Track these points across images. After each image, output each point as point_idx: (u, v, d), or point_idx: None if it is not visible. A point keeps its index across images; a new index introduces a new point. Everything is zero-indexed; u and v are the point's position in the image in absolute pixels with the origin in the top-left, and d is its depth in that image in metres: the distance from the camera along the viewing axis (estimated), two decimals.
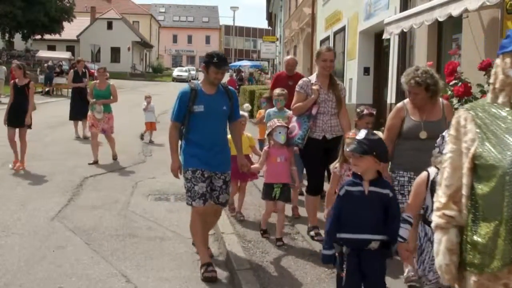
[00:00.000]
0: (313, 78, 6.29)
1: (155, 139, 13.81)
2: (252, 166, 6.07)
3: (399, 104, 5.15)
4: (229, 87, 5.67)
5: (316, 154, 6.01)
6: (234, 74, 38.81)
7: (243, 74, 38.90)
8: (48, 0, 44.00)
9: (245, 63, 50.33)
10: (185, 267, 5.51)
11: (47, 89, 30.19)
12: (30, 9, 42.57)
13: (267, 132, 6.35)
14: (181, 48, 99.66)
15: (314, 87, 6.04)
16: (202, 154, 5.29)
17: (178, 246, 6.14)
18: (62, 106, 24.07)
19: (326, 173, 6.33)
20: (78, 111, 13.97)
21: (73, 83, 14.58)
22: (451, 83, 6.16)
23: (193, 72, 65.56)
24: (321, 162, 6.05)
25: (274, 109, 8.10)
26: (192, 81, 8.39)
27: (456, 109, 5.96)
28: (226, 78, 38.78)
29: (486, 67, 6.05)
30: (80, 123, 14.23)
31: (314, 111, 5.98)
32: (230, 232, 6.27)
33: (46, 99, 27.70)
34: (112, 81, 12.15)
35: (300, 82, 6.29)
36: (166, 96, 33.33)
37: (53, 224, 6.77)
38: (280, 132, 6.02)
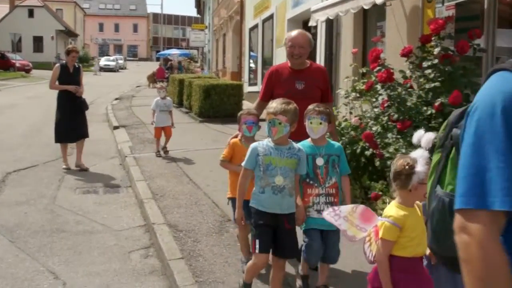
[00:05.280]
0: None
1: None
2: None
3: None
4: None
5: None
6: (163, 63, 38.33)
7: (172, 62, 38.42)
8: None
9: (174, 51, 49.72)
10: (116, 260, 5.42)
11: None
12: None
13: None
14: (108, 37, 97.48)
15: None
16: None
17: (108, 239, 6.03)
18: None
19: None
20: (68, 130, 9.36)
21: (60, 85, 9.34)
22: (375, 70, 6.32)
23: (121, 62, 64.30)
24: None
25: (267, 141, 3.98)
26: None
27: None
28: (155, 67, 38.30)
29: (407, 54, 6.25)
30: (68, 146, 9.81)
31: None
32: (161, 223, 6.21)
33: None
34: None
35: None
36: (94, 87, 32.63)
37: None
38: None
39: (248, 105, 19.10)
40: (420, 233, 3.04)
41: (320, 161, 4.20)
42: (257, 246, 3.93)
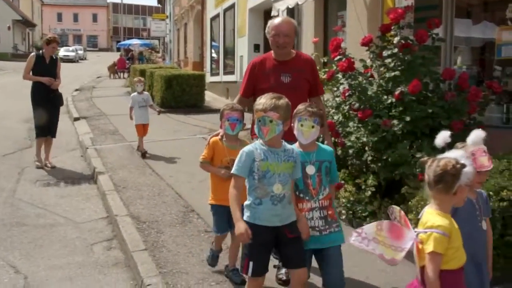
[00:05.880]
0: None
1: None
2: None
3: None
4: None
5: None
6: (124, 54, 37.87)
7: (133, 53, 38.00)
8: None
9: (135, 41, 49.10)
10: (79, 253, 5.36)
11: None
12: None
13: None
14: (67, 27, 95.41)
15: None
16: None
17: (70, 232, 5.96)
18: None
19: None
20: (46, 124, 8.86)
21: (32, 76, 8.76)
22: (336, 59, 6.36)
23: (80, 52, 63.10)
24: None
25: (260, 143, 3.46)
26: None
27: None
28: (116, 57, 37.76)
29: (367, 43, 6.31)
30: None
31: None
32: (123, 214, 6.16)
33: None
34: None
35: None
36: None
37: None
38: None
39: (210, 96, 19.06)
40: (461, 242, 2.81)
41: (311, 169, 3.57)
42: (250, 269, 3.38)
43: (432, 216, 2.77)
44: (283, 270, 4.27)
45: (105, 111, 15.55)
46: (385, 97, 6.02)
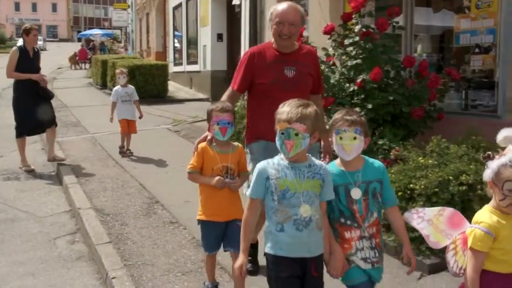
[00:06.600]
0: None
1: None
2: None
3: None
4: None
5: None
6: (85, 44, 37.28)
7: (94, 43, 37.41)
8: None
9: (96, 31, 48.31)
10: (41, 248, 5.26)
11: None
12: None
13: None
14: (25, 17, 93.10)
15: None
16: None
17: (31, 227, 5.85)
18: None
19: None
20: (34, 122, 8.01)
21: (20, 73, 7.83)
22: None
23: (40, 43, 61.87)
24: None
25: (279, 157, 2.92)
26: None
27: None
28: (77, 48, 37.14)
29: (329, 31, 6.35)
30: (27, 141, 8.49)
31: None
32: (87, 207, 6.08)
33: None
34: None
35: None
36: None
37: None
38: None
39: (174, 86, 18.92)
40: None
41: (357, 193, 2.91)
42: None
43: (481, 212, 2.65)
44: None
45: (67, 103, 15.31)
46: (347, 85, 6.08)
